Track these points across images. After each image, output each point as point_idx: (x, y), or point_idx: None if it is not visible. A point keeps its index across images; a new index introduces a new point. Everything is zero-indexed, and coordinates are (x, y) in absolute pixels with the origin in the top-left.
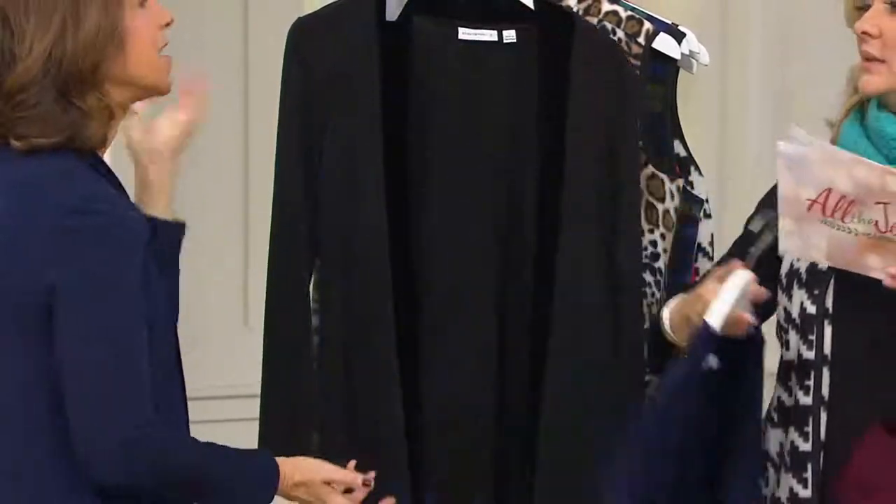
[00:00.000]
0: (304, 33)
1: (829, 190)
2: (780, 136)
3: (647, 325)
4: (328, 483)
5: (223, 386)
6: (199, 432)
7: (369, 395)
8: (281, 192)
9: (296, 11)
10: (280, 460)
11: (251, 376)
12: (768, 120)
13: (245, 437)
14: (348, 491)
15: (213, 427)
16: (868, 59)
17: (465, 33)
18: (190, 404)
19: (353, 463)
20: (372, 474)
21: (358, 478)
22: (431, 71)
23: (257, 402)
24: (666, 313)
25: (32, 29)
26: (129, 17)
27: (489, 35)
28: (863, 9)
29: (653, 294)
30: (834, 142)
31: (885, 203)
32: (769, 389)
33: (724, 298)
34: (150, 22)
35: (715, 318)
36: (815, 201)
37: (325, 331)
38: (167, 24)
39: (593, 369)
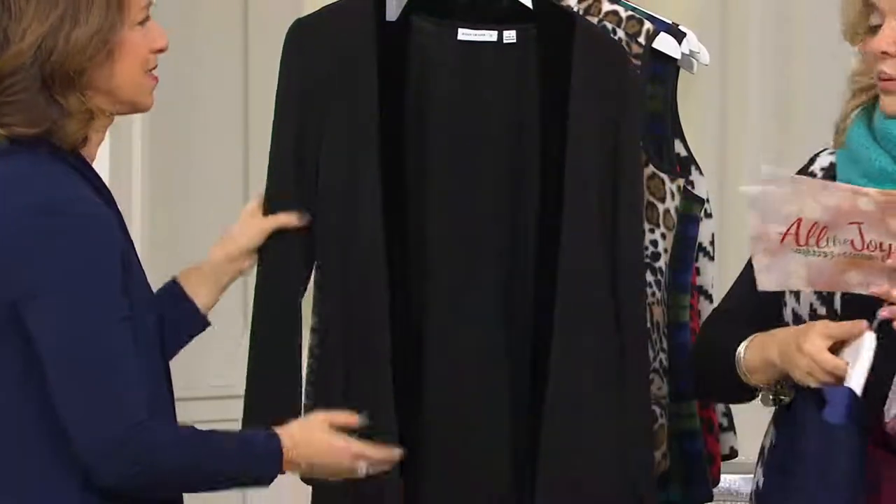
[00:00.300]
0: (302, 35)
1: (800, 220)
2: (780, 148)
3: (647, 326)
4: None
5: (223, 386)
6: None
7: (365, 400)
8: (273, 195)
9: (295, 12)
10: (280, 429)
11: (237, 377)
12: (768, 119)
13: None
14: None
15: (214, 427)
16: (887, 78)
17: (464, 34)
18: (191, 405)
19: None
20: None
21: (353, 417)
22: (430, 72)
23: None
24: (742, 352)
25: (31, 15)
26: (128, 32)
27: (489, 35)
28: (875, 28)
29: (653, 294)
30: (838, 146)
31: (858, 223)
32: None
33: (864, 366)
34: (145, 42)
35: (858, 384)
36: (786, 233)
37: (324, 333)
38: (160, 50)
39: (596, 369)
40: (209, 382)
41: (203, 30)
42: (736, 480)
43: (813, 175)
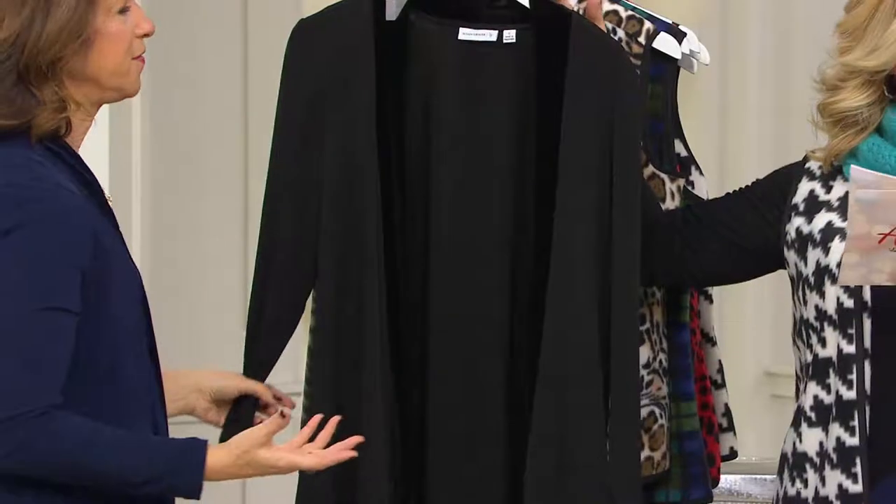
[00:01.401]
0: (304, 36)
1: None
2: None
3: (647, 326)
4: (265, 444)
5: None
6: (205, 432)
7: (356, 398)
8: (273, 199)
9: (295, 14)
10: (216, 447)
11: None
12: (768, 119)
13: None
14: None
15: (198, 427)
16: None
17: (465, 33)
18: None
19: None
20: (288, 410)
21: (277, 417)
22: (431, 71)
23: None
24: None
25: (3, 11)
26: (103, 21)
27: (489, 35)
28: None
29: (653, 294)
30: (839, 157)
31: None
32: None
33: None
34: (127, 28)
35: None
36: (888, 234)
37: (319, 335)
38: (145, 35)
39: (582, 374)
40: None
41: (203, 25)
42: (736, 481)
43: (811, 171)
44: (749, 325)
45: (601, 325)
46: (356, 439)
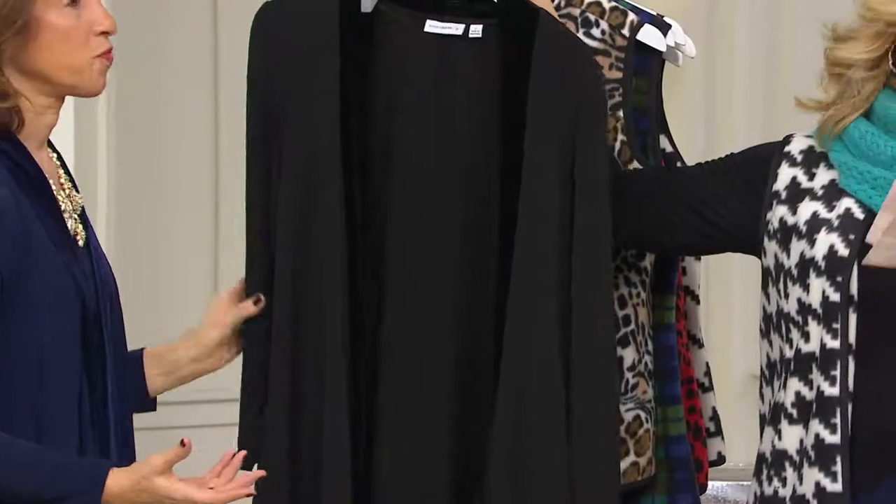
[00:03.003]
0: (268, 20)
1: None
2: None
3: (632, 328)
4: (164, 472)
5: (216, 390)
6: (182, 436)
7: (313, 409)
8: (248, 194)
9: None
10: (119, 471)
11: (232, 379)
12: (756, 113)
13: (229, 441)
14: None
15: (201, 431)
16: None
17: (431, 26)
18: (186, 408)
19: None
20: (188, 439)
21: (178, 447)
22: (397, 62)
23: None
24: None
25: None
26: (45, 11)
27: (456, 29)
28: None
29: (638, 294)
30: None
31: None
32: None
33: None
34: (80, 24)
35: None
36: None
37: (277, 337)
38: (105, 33)
39: (543, 382)
40: (201, 386)
41: (171, 19)
42: (724, 487)
43: (791, 157)
44: (736, 326)
45: (564, 318)
46: (258, 474)
